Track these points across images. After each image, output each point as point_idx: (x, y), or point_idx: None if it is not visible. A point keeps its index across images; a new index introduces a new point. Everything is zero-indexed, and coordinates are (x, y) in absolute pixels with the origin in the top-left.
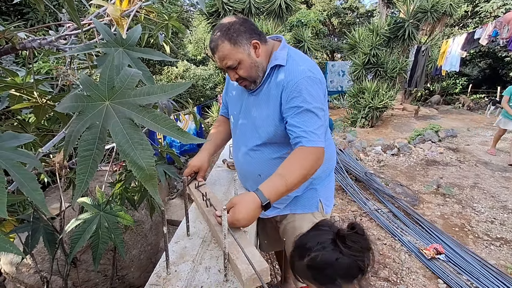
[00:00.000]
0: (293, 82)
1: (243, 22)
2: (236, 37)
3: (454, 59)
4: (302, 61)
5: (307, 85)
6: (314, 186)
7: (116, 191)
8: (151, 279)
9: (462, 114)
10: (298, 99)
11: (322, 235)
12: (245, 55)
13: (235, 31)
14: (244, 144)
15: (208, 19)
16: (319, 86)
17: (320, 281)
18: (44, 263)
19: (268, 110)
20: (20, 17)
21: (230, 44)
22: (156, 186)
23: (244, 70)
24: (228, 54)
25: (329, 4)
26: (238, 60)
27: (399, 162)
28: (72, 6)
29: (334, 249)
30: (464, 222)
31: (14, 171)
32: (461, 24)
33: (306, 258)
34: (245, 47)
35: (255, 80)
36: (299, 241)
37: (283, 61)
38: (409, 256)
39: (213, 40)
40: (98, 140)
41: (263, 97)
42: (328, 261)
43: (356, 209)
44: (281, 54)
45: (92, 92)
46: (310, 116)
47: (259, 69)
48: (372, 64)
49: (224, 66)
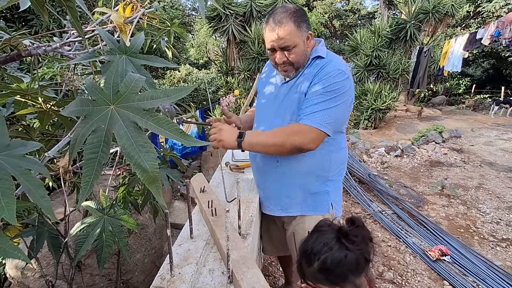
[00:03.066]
0: (326, 70)
1: (305, 13)
2: (300, 22)
3: (456, 60)
4: (339, 59)
5: (336, 75)
6: (327, 189)
7: (119, 194)
8: (155, 281)
9: (466, 115)
10: (323, 83)
11: (325, 236)
12: (301, 40)
13: (300, 16)
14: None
15: (210, 23)
16: (347, 82)
17: (333, 282)
18: (49, 268)
19: (296, 94)
20: (25, 23)
21: (294, 25)
22: (160, 188)
23: (295, 54)
24: (289, 35)
25: (331, 7)
26: (295, 44)
27: (402, 164)
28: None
29: (340, 246)
30: (469, 223)
31: (22, 178)
32: (463, 25)
33: (316, 262)
34: (303, 34)
35: (299, 68)
36: (303, 247)
37: (323, 54)
38: (414, 258)
39: (277, 16)
40: (103, 143)
41: (295, 84)
42: (338, 260)
43: (360, 211)
44: (322, 49)
45: (97, 96)
46: (324, 99)
47: (306, 58)
48: (374, 65)
49: (280, 46)
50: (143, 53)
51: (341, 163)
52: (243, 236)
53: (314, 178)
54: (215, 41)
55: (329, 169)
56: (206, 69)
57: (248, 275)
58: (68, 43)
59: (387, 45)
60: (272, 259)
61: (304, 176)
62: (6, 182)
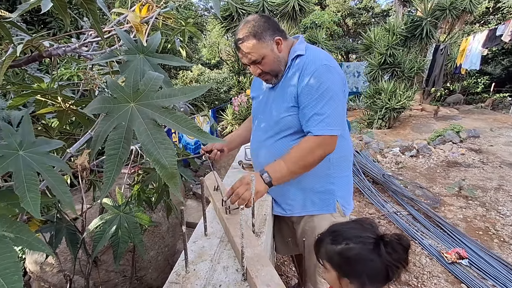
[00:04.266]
0: (310, 69)
1: (267, 20)
2: (261, 33)
3: (475, 57)
4: (319, 51)
5: (323, 72)
6: (331, 187)
7: (134, 192)
8: (170, 277)
9: (485, 114)
10: (313, 86)
11: (364, 231)
12: (268, 50)
13: (259, 27)
14: (262, 136)
15: (222, 23)
16: (335, 75)
17: (345, 272)
18: (66, 263)
19: (285, 98)
20: (44, 26)
21: (255, 39)
22: (178, 184)
23: (267, 64)
24: (253, 49)
25: (344, 5)
26: (262, 55)
27: (418, 164)
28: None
29: (374, 249)
30: (488, 226)
31: (46, 175)
32: (482, 21)
33: (341, 245)
34: (269, 43)
35: (277, 74)
36: (336, 227)
37: (302, 51)
38: (430, 260)
39: (238, 35)
40: (124, 139)
41: (281, 88)
42: (363, 258)
43: (374, 211)
44: (300, 46)
45: (118, 94)
46: (323, 103)
47: (281, 64)
48: (389, 64)
49: (249, 61)
50: (160, 54)
51: (343, 159)
52: (257, 234)
53: (315, 178)
54: (227, 41)
55: (330, 167)
56: (218, 69)
57: (262, 272)
58: (86, 43)
59: (402, 43)
60: (285, 258)
61: (304, 178)
62: (31, 177)
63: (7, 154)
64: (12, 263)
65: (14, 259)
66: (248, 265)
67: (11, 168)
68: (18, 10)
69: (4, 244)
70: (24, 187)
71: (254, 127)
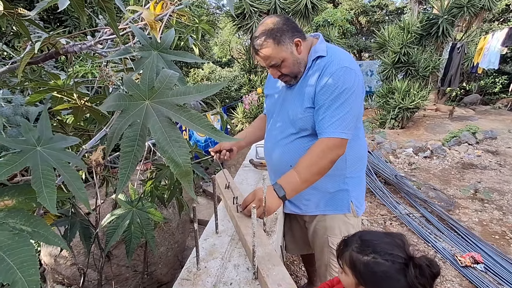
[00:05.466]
0: (330, 70)
1: (285, 21)
2: (280, 37)
3: (493, 56)
4: (340, 52)
5: (343, 74)
6: (346, 187)
7: (147, 188)
8: (182, 273)
9: (502, 115)
10: (330, 86)
11: (395, 249)
12: (288, 53)
13: (278, 31)
14: (277, 135)
15: (234, 21)
16: (355, 77)
17: (366, 283)
18: (79, 257)
19: (303, 98)
20: (60, 24)
21: (274, 43)
22: (191, 182)
23: (287, 67)
24: (272, 54)
25: (357, 3)
26: (282, 59)
27: (432, 165)
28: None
29: (401, 269)
30: (505, 230)
31: (62, 170)
32: (501, 19)
33: (368, 257)
34: (288, 46)
35: (297, 76)
36: (366, 236)
37: (323, 52)
38: (444, 264)
39: (256, 40)
40: (139, 137)
41: (299, 88)
42: (389, 276)
43: (386, 212)
44: (321, 46)
45: (134, 91)
46: (337, 105)
47: (301, 65)
48: (403, 63)
49: (268, 65)
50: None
51: (359, 159)
52: (268, 233)
53: (330, 178)
54: (238, 39)
55: (345, 167)
56: (229, 67)
57: (273, 272)
58: (101, 41)
59: (417, 41)
60: (294, 258)
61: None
62: (48, 173)
63: (25, 149)
64: (29, 256)
65: (31, 252)
66: (259, 264)
67: (29, 163)
68: (36, 8)
69: (22, 238)
70: (41, 182)
71: (269, 126)
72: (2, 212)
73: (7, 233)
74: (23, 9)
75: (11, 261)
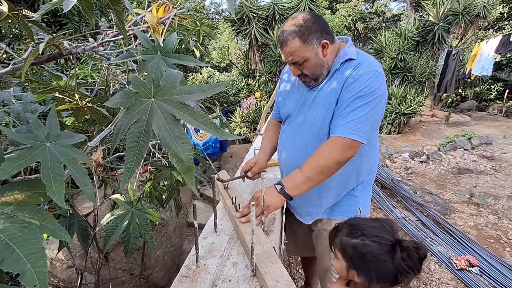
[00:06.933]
0: (359, 72)
1: (316, 20)
2: (308, 35)
3: (487, 63)
4: (369, 57)
5: (371, 77)
6: (355, 193)
7: (146, 189)
8: (181, 271)
9: (498, 121)
10: (355, 87)
11: (383, 232)
12: (312, 53)
13: (307, 29)
14: (295, 137)
15: (233, 26)
16: (381, 83)
17: (355, 265)
18: (75, 259)
19: (331, 104)
20: (60, 27)
21: (300, 41)
22: (193, 177)
23: (308, 68)
24: (297, 51)
25: (354, 9)
26: (305, 58)
27: (428, 170)
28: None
29: (388, 251)
30: (500, 234)
31: (70, 166)
32: (496, 27)
33: (357, 239)
34: (314, 46)
35: (317, 78)
36: (355, 220)
37: (353, 55)
38: (440, 267)
39: (283, 33)
40: (144, 133)
41: (324, 92)
42: (376, 257)
43: (382, 216)
44: (350, 50)
45: (140, 89)
46: (357, 105)
47: (324, 68)
48: (399, 69)
49: (290, 61)
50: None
51: (372, 165)
52: (266, 232)
53: (345, 186)
54: (236, 44)
55: (359, 174)
56: (227, 72)
57: (271, 269)
58: (103, 43)
59: (413, 48)
60: (291, 260)
61: (336, 186)
62: (57, 168)
63: (35, 145)
64: (38, 248)
65: (40, 245)
66: (257, 262)
67: (38, 158)
68: (41, 10)
69: (31, 231)
70: (50, 177)
71: (287, 127)
72: (12, 205)
73: (17, 225)
74: (27, 11)
75: (21, 253)
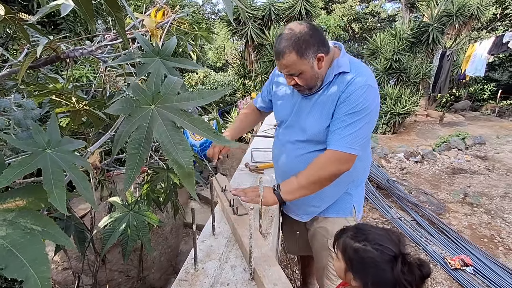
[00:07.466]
0: (353, 87)
1: (313, 33)
2: (304, 50)
3: (480, 63)
4: (363, 68)
5: (364, 92)
6: (349, 191)
7: (143, 192)
8: (180, 274)
9: (491, 121)
10: (349, 102)
11: (388, 241)
12: (308, 67)
13: (304, 43)
14: (288, 144)
15: (229, 26)
16: (374, 97)
17: (353, 268)
18: (71, 261)
19: (323, 115)
20: (54, 27)
21: (297, 55)
22: (193, 182)
23: (303, 80)
24: (293, 64)
25: (350, 10)
26: (301, 71)
27: (423, 170)
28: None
29: (390, 261)
30: (493, 233)
31: (71, 172)
32: (489, 28)
33: (359, 244)
34: (310, 60)
35: (312, 88)
36: (363, 225)
37: (346, 67)
38: (434, 267)
39: (280, 45)
40: (144, 139)
41: (319, 101)
42: (375, 264)
43: (378, 216)
44: (344, 61)
45: (140, 96)
46: (352, 121)
47: (318, 80)
48: (394, 69)
49: (285, 73)
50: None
51: (365, 164)
52: (264, 235)
53: (340, 186)
54: (232, 44)
55: (353, 175)
56: (223, 72)
57: (269, 272)
58: (101, 46)
59: (408, 48)
60: (288, 261)
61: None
62: (58, 174)
63: (36, 151)
64: (41, 254)
65: (42, 250)
66: (255, 265)
67: (40, 165)
68: (39, 13)
69: (33, 237)
70: (52, 183)
71: (281, 132)
72: (14, 212)
73: (19, 231)
74: (24, 14)
75: (24, 259)
